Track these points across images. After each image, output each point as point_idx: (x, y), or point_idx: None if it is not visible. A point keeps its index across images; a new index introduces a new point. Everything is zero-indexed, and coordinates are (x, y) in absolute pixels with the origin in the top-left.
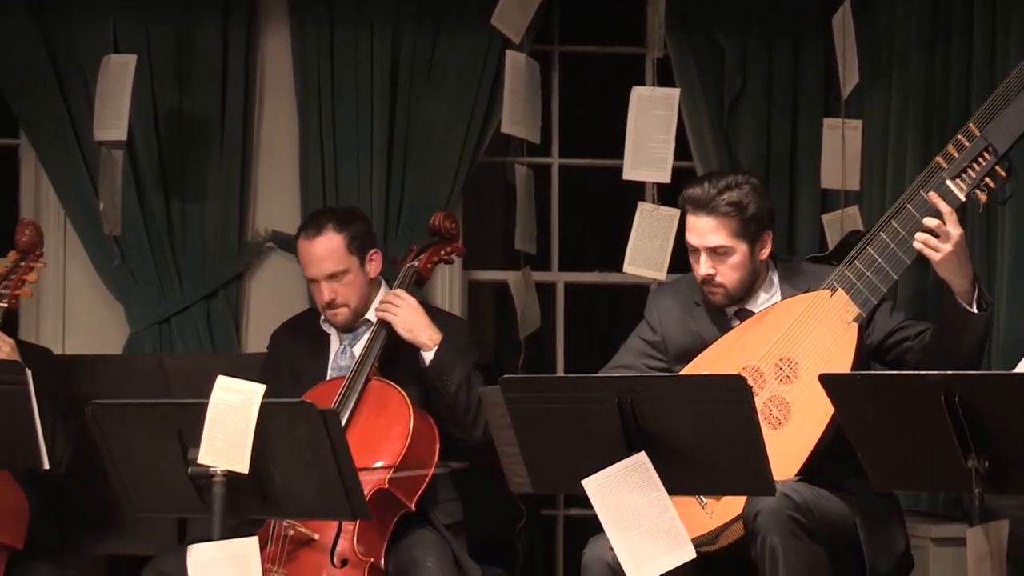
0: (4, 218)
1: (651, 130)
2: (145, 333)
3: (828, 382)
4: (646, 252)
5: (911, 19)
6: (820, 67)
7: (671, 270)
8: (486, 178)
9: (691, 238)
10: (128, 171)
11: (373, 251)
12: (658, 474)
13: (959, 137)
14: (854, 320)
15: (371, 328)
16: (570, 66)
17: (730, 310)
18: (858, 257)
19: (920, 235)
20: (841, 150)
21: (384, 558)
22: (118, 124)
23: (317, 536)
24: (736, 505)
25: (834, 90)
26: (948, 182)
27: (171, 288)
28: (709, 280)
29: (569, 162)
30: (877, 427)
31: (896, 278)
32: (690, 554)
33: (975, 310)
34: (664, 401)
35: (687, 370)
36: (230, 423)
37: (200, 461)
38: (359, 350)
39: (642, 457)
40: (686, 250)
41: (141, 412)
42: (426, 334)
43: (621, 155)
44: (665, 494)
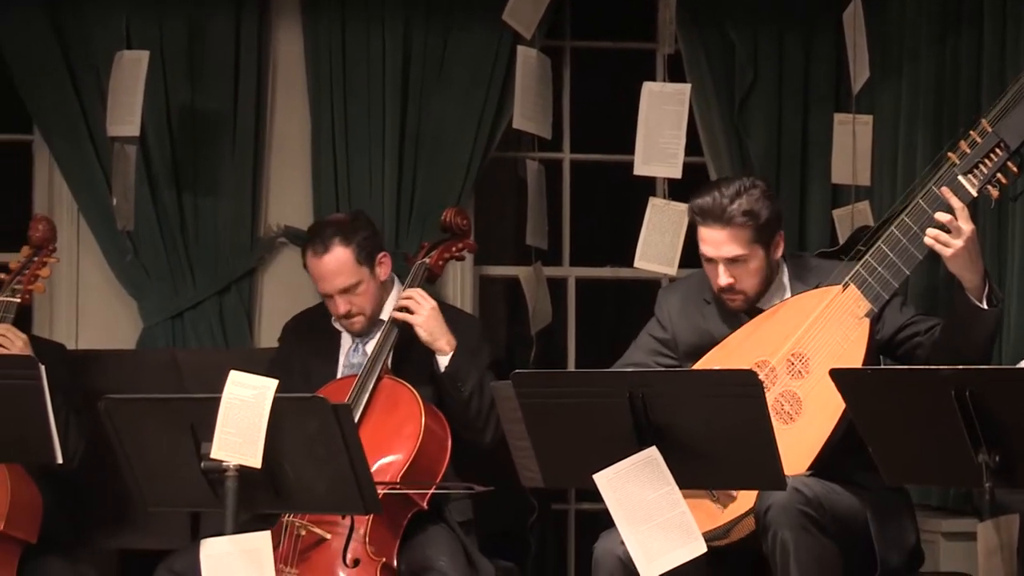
0: (18, 214)
1: (662, 125)
2: (158, 328)
3: (839, 377)
4: (657, 247)
5: (921, 14)
6: (831, 62)
7: (682, 265)
8: (497, 174)
9: (706, 250)
10: (141, 167)
11: (381, 255)
12: (669, 469)
13: (971, 133)
14: (866, 315)
15: (383, 326)
16: (581, 62)
17: None
18: (870, 252)
19: (932, 231)
20: (852, 145)
21: (396, 557)
22: (131, 120)
23: (329, 536)
24: (747, 500)
25: (845, 85)
26: (960, 178)
27: (184, 283)
28: (729, 289)
29: (580, 157)
30: (888, 422)
31: (908, 273)
32: (701, 548)
33: (985, 306)
34: (675, 396)
35: (699, 365)
36: (243, 418)
37: (213, 456)
38: (371, 348)
39: (653, 452)
40: (696, 245)
41: (154, 407)
42: (445, 339)
43: (632, 150)
44: (676, 489)
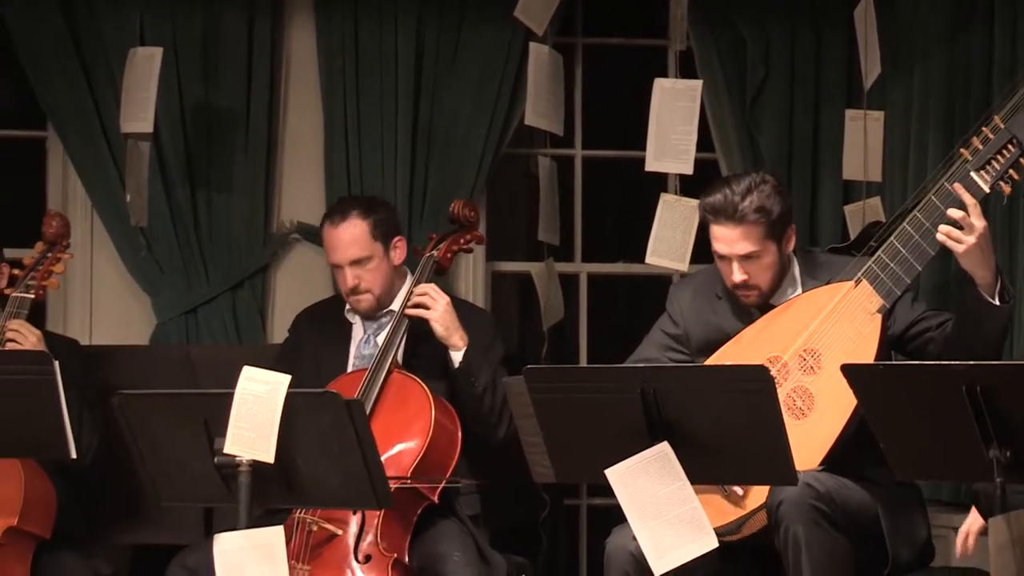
0: (32, 210)
1: (674, 122)
2: (171, 324)
3: (850, 372)
4: (668, 243)
5: (933, 10)
6: (842, 59)
7: (693, 261)
8: (509, 170)
9: (719, 247)
10: (154, 163)
11: (398, 238)
12: (681, 464)
13: (983, 129)
14: (877, 311)
15: (393, 318)
16: (593, 58)
17: None
18: (882, 248)
19: (944, 227)
20: (863, 141)
21: (408, 553)
22: (144, 116)
23: (340, 532)
24: (759, 495)
25: (856, 81)
26: (972, 174)
27: (197, 279)
28: (744, 285)
29: (592, 154)
30: (899, 417)
31: (920, 269)
32: (713, 543)
33: (997, 302)
34: (687, 391)
35: (711, 361)
36: (256, 413)
37: (226, 451)
38: (383, 339)
39: (665, 447)
40: (708, 240)
41: (167, 402)
42: (459, 334)
43: (644, 147)
44: (688, 484)
